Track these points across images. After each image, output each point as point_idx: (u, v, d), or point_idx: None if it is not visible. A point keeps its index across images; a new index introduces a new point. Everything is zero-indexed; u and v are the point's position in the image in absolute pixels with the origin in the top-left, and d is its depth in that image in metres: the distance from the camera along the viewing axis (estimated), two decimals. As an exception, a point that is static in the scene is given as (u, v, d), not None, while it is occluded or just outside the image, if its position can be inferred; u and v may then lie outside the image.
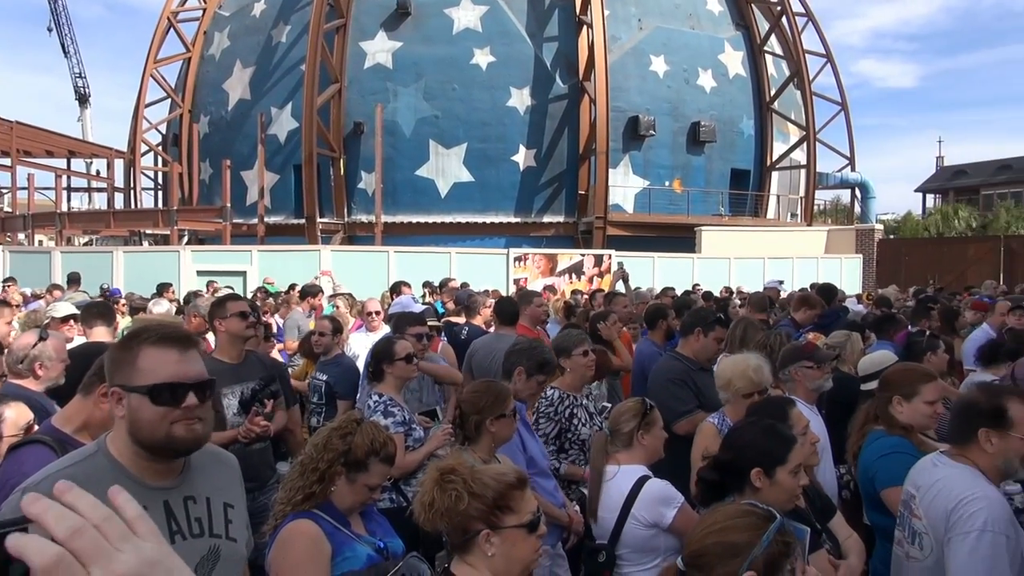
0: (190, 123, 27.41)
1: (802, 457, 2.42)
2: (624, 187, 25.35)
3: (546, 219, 25.25)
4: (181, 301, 9.84)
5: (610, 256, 19.29)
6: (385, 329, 6.39)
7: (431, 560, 2.12)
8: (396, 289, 9.31)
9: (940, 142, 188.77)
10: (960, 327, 7.03)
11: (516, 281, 17.31)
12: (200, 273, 15.31)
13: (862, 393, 4.14)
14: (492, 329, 6.85)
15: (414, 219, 24.18)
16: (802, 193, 29.76)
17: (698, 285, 15.56)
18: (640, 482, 2.90)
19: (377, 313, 6.79)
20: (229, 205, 21.52)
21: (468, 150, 24.26)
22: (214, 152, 26.33)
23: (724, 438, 2.61)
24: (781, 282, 14.25)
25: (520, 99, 24.40)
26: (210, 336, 6.45)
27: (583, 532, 3.59)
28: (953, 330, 6.79)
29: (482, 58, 24.14)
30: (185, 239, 22.24)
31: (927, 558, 2.41)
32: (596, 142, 23.52)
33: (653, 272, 18.83)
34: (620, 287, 12.18)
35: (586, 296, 11.33)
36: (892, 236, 33.25)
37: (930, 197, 69.20)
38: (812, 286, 10.38)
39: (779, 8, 28.46)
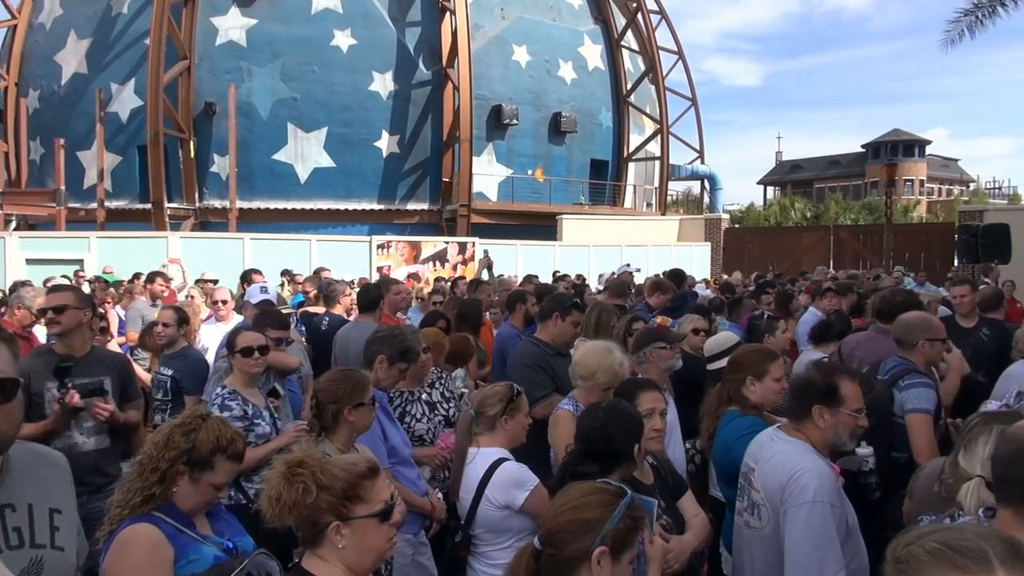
0: (16, 97, 24.97)
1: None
2: (488, 175, 25.52)
3: (410, 206, 25.01)
4: (7, 291, 9.01)
5: (474, 244, 19.39)
6: (237, 319, 6.11)
7: (285, 558, 2.03)
8: (247, 278, 8.92)
9: (779, 138, 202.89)
10: (794, 309, 7.58)
11: (379, 269, 17.05)
12: (30, 262, 14.05)
13: (708, 373, 4.36)
14: (353, 317, 6.72)
15: (272, 205, 23.24)
16: (656, 184, 31.11)
17: (557, 272, 15.95)
18: (495, 465, 2.93)
19: (224, 302, 6.48)
20: (63, 188, 19.79)
21: (329, 134, 23.57)
22: (46, 130, 24.13)
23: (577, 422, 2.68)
24: (629, 265, 14.85)
25: (383, 84, 23.96)
26: (38, 329, 5.94)
27: (445, 520, 3.59)
28: (788, 312, 7.30)
29: (343, 40, 23.48)
30: (13, 224, 20.26)
31: (765, 527, 2.57)
32: (460, 130, 23.50)
33: (516, 259, 19.10)
34: (484, 275, 12.27)
35: (449, 283, 11.34)
36: (737, 225, 35.48)
37: (770, 189, 74.55)
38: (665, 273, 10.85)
39: (635, 5, 29.52)
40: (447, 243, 19.49)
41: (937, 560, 1.10)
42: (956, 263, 18.06)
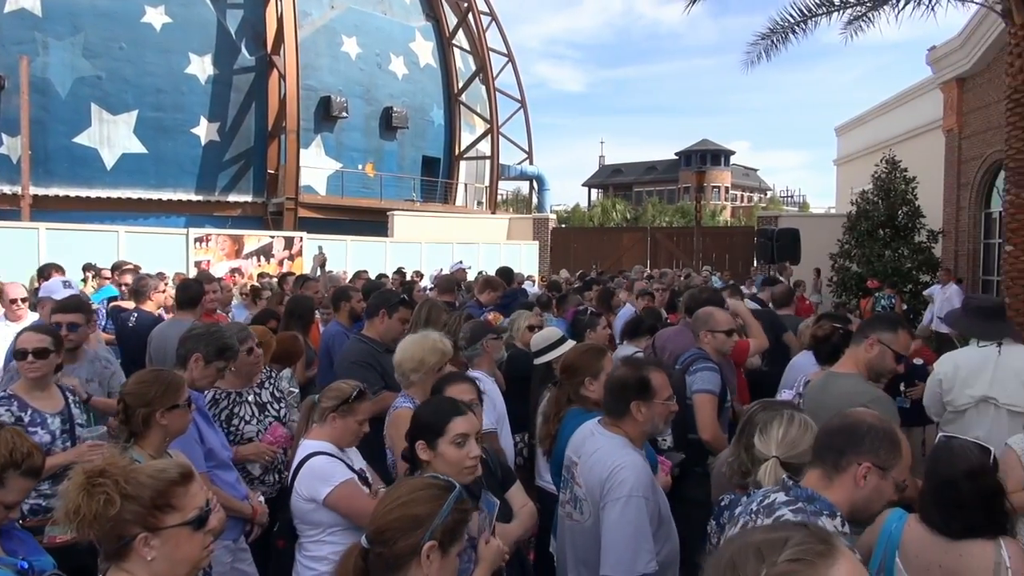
0: None
1: (468, 428, 2.47)
2: (316, 168, 24.75)
3: (232, 198, 23.73)
4: None
5: (302, 239, 18.75)
6: (32, 317, 5.52)
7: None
8: (44, 272, 8.08)
9: (602, 143, 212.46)
10: (615, 306, 8.00)
11: (198, 264, 16.03)
12: None
13: (535, 366, 4.50)
14: (167, 315, 6.28)
15: (73, 192, 21.12)
16: (487, 183, 31.61)
17: (402, 268, 15.82)
18: (307, 457, 2.88)
19: (24, 300, 5.82)
20: None
21: (139, 118, 21.80)
22: None
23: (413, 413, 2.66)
24: (461, 262, 15.05)
25: (201, 67, 22.52)
26: None
27: (267, 524, 3.45)
28: (609, 308, 7.69)
29: (155, 17, 21.81)
30: None
31: (586, 520, 2.68)
32: (286, 120, 22.63)
33: (346, 255, 18.68)
34: (318, 272, 11.92)
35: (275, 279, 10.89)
36: (563, 225, 36.75)
37: (594, 191, 78.08)
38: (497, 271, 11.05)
39: (465, 5, 29.80)
40: (273, 237, 18.69)
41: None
42: (755, 263, 19.82)
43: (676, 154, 71.15)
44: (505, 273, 8.50)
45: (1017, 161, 9.11)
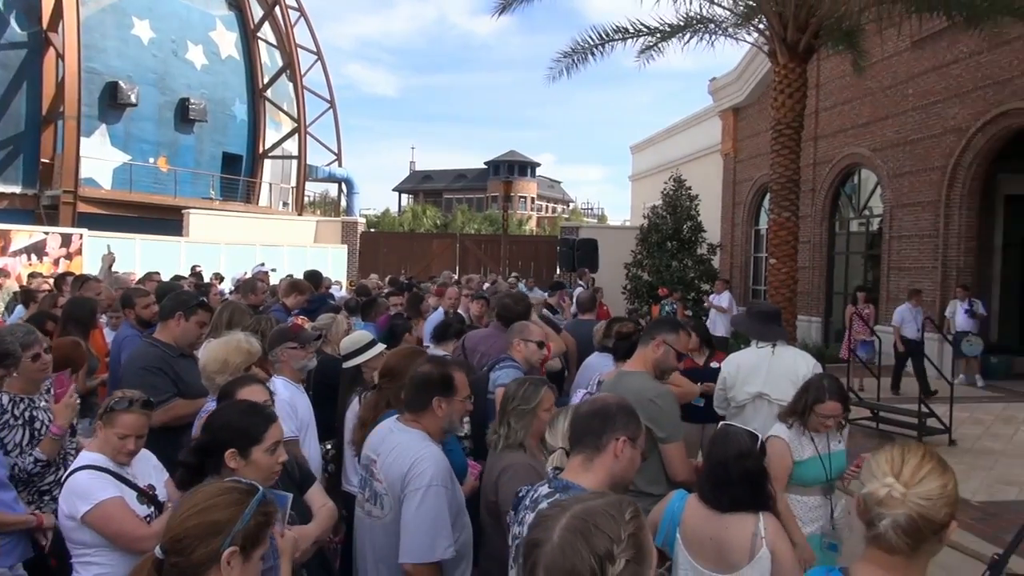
0: None
1: (280, 435, 2.46)
2: (100, 160, 22.67)
3: (-4, 188, 21.15)
4: None
5: (81, 236, 17.06)
6: None
7: None
8: None
9: (413, 149, 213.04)
10: (424, 310, 8.06)
11: (-49, 261, 14.10)
12: None
13: (343, 371, 4.45)
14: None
15: None
16: (293, 183, 30.54)
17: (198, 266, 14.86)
18: (74, 471, 2.69)
19: None
20: None
21: None
22: None
23: (206, 419, 2.54)
24: (263, 264, 14.47)
25: (-42, 39, 19.90)
26: None
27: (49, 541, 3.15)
28: (419, 313, 7.74)
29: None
30: None
31: (387, 516, 2.73)
32: (64, 104, 20.52)
33: (136, 255, 17.25)
34: (105, 273, 10.92)
35: (46, 280, 9.83)
36: (373, 229, 36.37)
37: (404, 197, 77.99)
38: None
39: (273, -3, 28.70)
40: (47, 233, 16.83)
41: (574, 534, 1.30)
42: (558, 271, 20.79)
43: (485, 163, 72.87)
44: (312, 276, 8.30)
45: (779, 184, 10.34)
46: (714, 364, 6.08)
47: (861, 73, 13.53)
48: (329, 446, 4.37)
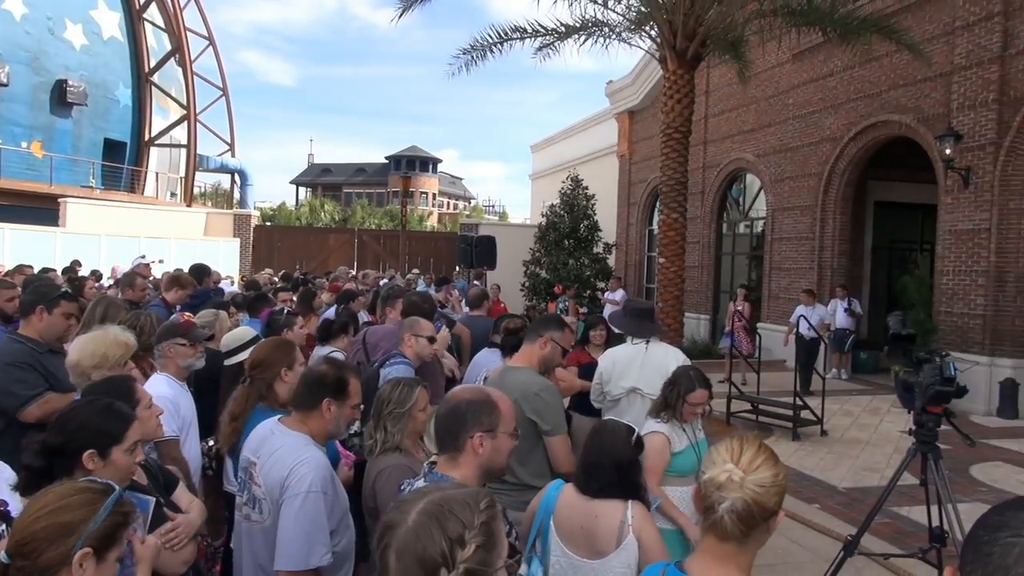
0: None
1: (141, 434, 2.39)
2: (-36, 142, 21.04)
3: None
4: None
5: (-60, 224, 15.80)
6: None
7: None
8: None
9: (312, 141, 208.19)
10: (317, 306, 7.91)
11: None
12: None
13: (225, 367, 4.32)
14: None
15: None
16: (182, 173, 29.24)
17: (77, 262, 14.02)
18: None
19: None
20: None
21: None
22: None
23: (55, 420, 2.39)
24: (144, 256, 13.82)
25: None
26: None
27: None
28: (311, 309, 7.59)
29: None
30: None
31: (266, 520, 2.67)
32: (-78, 81, 18.93)
33: (4, 246, 16.12)
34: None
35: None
36: (268, 223, 35.32)
37: (302, 190, 76.01)
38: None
39: (161, -23, 27.38)
40: (-102, 221, 15.50)
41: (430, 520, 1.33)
42: (457, 268, 20.80)
43: (386, 158, 72.00)
44: (197, 271, 7.98)
45: (668, 186, 10.72)
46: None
47: (746, 82, 14.20)
48: (212, 443, 4.24)
